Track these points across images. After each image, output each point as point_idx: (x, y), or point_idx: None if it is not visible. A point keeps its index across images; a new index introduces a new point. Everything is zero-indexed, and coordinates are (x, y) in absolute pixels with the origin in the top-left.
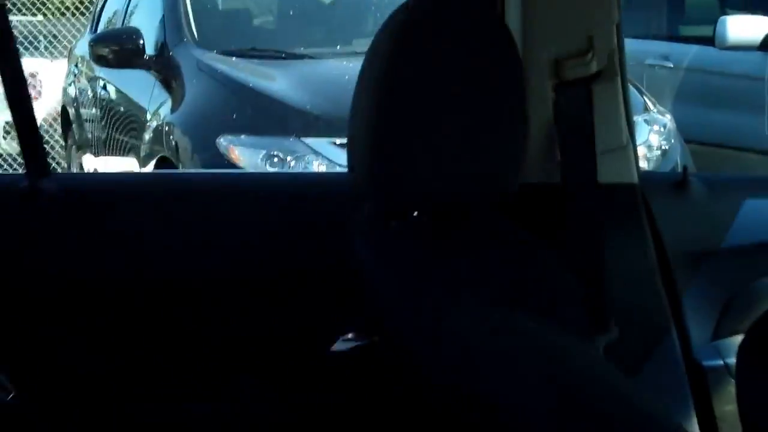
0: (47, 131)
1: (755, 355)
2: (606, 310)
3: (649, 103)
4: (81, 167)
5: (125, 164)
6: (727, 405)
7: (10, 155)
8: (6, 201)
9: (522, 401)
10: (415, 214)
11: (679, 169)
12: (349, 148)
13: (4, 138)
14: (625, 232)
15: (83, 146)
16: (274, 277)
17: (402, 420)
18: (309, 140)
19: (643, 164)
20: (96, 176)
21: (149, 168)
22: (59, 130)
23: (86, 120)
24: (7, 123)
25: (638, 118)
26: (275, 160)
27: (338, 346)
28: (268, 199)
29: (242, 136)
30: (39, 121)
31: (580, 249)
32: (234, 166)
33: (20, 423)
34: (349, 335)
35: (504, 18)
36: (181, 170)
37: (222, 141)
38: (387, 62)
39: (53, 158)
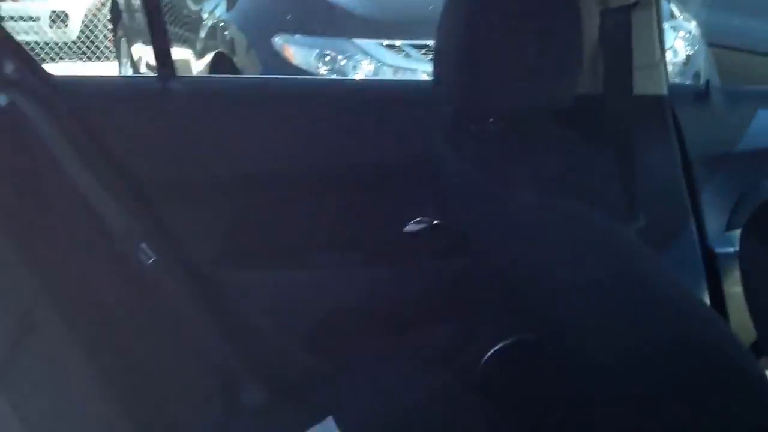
0: (91, 21)
1: (754, 235)
2: (636, 201)
3: (675, 10)
4: (131, 57)
5: (176, 55)
6: (735, 286)
7: (56, 44)
8: (141, 100)
9: (570, 269)
10: (491, 120)
11: (702, 74)
12: (436, 60)
13: (51, 27)
14: (654, 136)
15: (134, 36)
16: (363, 169)
17: (461, 288)
18: (359, 41)
19: (669, 68)
20: (215, 79)
21: (205, 61)
22: (102, 20)
23: (137, 11)
24: (53, 12)
25: (665, 25)
26: (327, 59)
27: (410, 227)
28: (360, 101)
29: (296, 36)
30: (83, 11)
31: (617, 149)
32: (288, 63)
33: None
34: (419, 218)
35: None
36: (288, 77)
37: (277, 40)
38: (473, 0)
39: (97, 47)
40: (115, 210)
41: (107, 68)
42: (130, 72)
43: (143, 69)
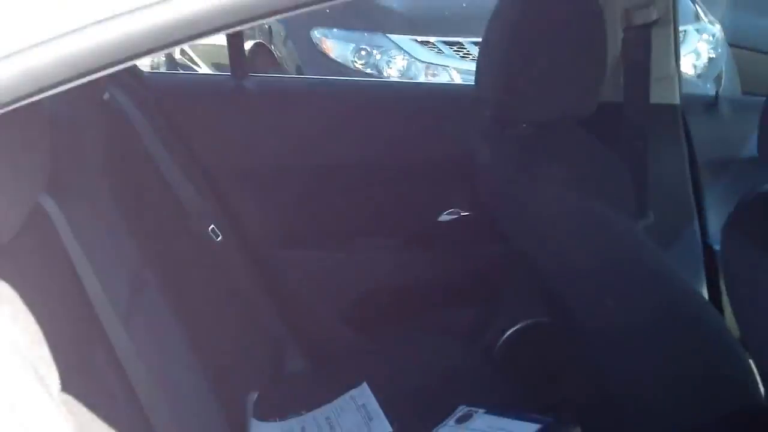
0: None
1: (734, 230)
2: (646, 199)
3: (701, 12)
4: None
5: (214, 41)
6: None
7: None
8: (217, 96)
9: (584, 260)
10: (524, 125)
11: (724, 76)
12: (479, 71)
13: None
14: (666, 141)
15: None
16: (407, 163)
17: (486, 274)
18: (394, 36)
19: (691, 71)
20: (283, 79)
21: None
22: None
23: None
24: None
25: (689, 27)
26: (363, 53)
27: (443, 217)
28: (408, 103)
29: (334, 30)
30: None
31: (633, 153)
32: (325, 56)
33: (226, 261)
34: (452, 209)
35: None
36: (346, 78)
37: (315, 33)
38: (512, 22)
39: None
40: (191, 193)
41: None
42: (162, 58)
43: (177, 55)
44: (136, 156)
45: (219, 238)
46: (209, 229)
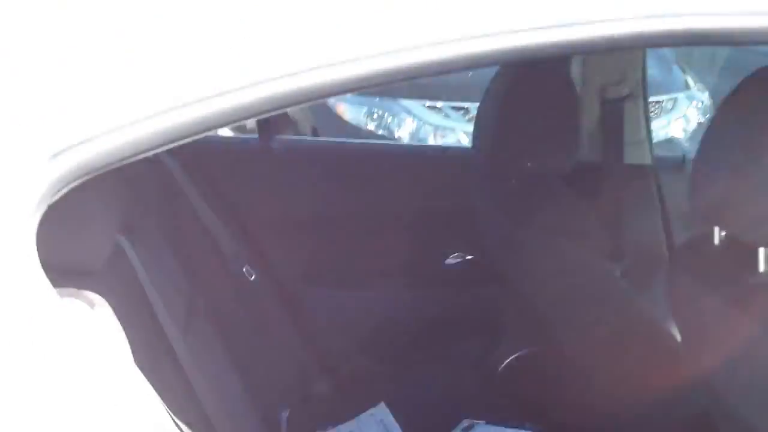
0: None
1: (680, 264)
2: (623, 245)
3: (690, 81)
4: None
5: None
6: None
7: None
8: (247, 155)
9: (570, 298)
10: (513, 180)
11: None
12: (475, 135)
13: None
14: (640, 196)
15: None
16: (415, 214)
17: (486, 310)
18: (404, 101)
19: (681, 135)
20: (304, 140)
21: None
22: None
23: None
24: None
25: (680, 95)
26: (375, 116)
27: (449, 260)
28: (414, 161)
29: (348, 95)
30: None
31: (610, 205)
32: (340, 119)
33: (258, 297)
34: (457, 254)
35: (569, 70)
36: (361, 140)
37: (331, 98)
38: (504, 95)
39: None
40: (227, 239)
41: None
42: None
43: None
44: (181, 206)
45: (252, 277)
46: (243, 269)
